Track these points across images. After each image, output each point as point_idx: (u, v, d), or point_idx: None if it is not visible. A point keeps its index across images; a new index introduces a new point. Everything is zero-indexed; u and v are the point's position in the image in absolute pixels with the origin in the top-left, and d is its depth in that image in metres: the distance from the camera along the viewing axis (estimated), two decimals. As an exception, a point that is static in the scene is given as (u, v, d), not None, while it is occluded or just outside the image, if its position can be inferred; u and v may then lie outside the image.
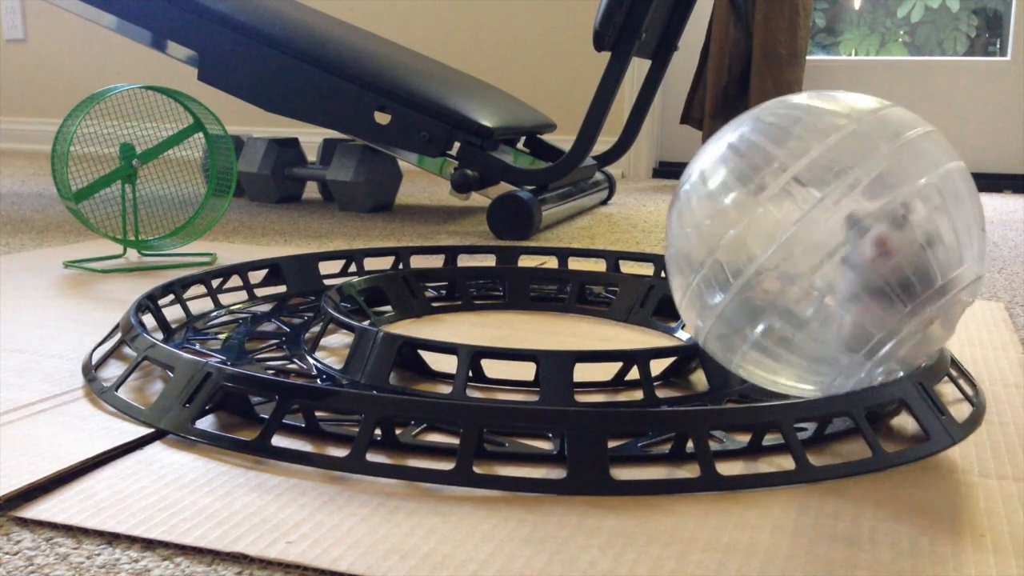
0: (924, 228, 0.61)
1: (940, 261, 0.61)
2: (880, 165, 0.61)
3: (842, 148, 0.62)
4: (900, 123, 0.64)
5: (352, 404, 0.63)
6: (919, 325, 0.62)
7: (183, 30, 1.72)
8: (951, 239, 0.61)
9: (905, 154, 0.62)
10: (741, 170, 0.64)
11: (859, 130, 0.63)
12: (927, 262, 0.60)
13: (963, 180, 0.64)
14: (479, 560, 0.48)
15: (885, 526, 0.53)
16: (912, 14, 2.75)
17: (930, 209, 0.61)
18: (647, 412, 0.67)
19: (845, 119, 0.64)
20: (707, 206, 0.65)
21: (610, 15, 1.58)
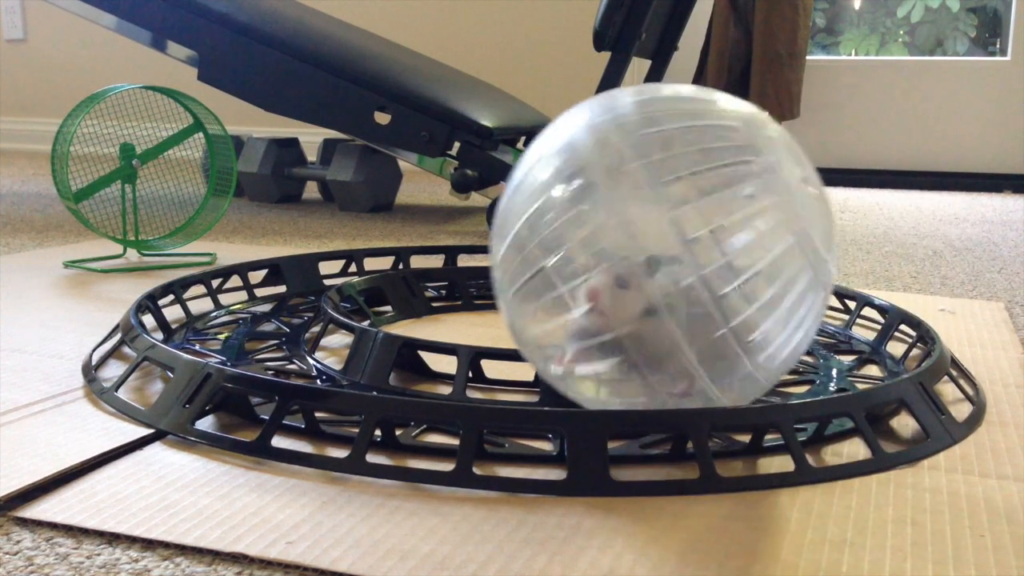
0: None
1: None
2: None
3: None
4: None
5: (352, 405, 0.63)
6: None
7: (183, 30, 1.72)
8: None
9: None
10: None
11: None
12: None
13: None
14: (479, 561, 0.48)
15: (885, 526, 0.53)
16: (912, 14, 2.75)
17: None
18: (647, 412, 0.67)
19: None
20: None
21: (610, 15, 1.58)
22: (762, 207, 0.58)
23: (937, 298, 1.14)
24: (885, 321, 0.90)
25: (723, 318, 0.57)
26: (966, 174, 2.54)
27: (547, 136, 0.64)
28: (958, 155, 2.56)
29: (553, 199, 0.60)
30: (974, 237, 1.66)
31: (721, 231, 0.57)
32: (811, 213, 0.60)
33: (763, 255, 0.58)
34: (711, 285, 0.57)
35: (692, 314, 0.57)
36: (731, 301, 0.57)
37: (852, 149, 2.63)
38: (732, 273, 0.57)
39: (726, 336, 0.58)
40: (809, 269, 0.59)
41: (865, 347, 0.88)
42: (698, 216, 0.57)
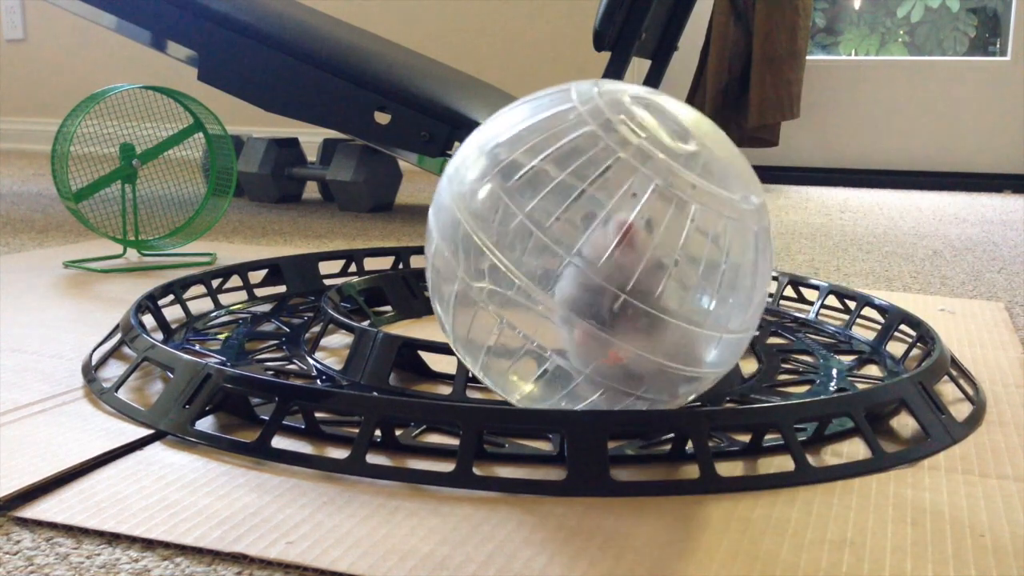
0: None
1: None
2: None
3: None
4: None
5: (352, 406, 0.63)
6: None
7: (183, 30, 1.72)
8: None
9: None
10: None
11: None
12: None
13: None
14: (479, 561, 0.48)
15: (885, 526, 0.53)
16: (912, 14, 2.75)
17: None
18: (647, 413, 0.67)
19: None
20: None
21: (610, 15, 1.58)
22: (649, 196, 0.58)
23: (937, 298, 1.14)
24: (885, 321, 0.90)
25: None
26: (966, 174, 2.54)
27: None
28: (958, 155, 2.56)
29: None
30: (974, 237, 1.66)
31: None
32: (701, 166, 0.59)
33: (675, 239, 0.57)
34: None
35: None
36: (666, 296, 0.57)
37: (852, 149, 2.64)
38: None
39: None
40: (725, 219, 0.58)
41: (865, 347, 0.88)
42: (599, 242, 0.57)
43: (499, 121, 0.64)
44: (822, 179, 2.60)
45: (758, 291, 0.62)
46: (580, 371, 0.59)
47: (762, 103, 2.38)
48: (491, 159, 0.61)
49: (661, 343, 0.58)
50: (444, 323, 0.64)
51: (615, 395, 0.60)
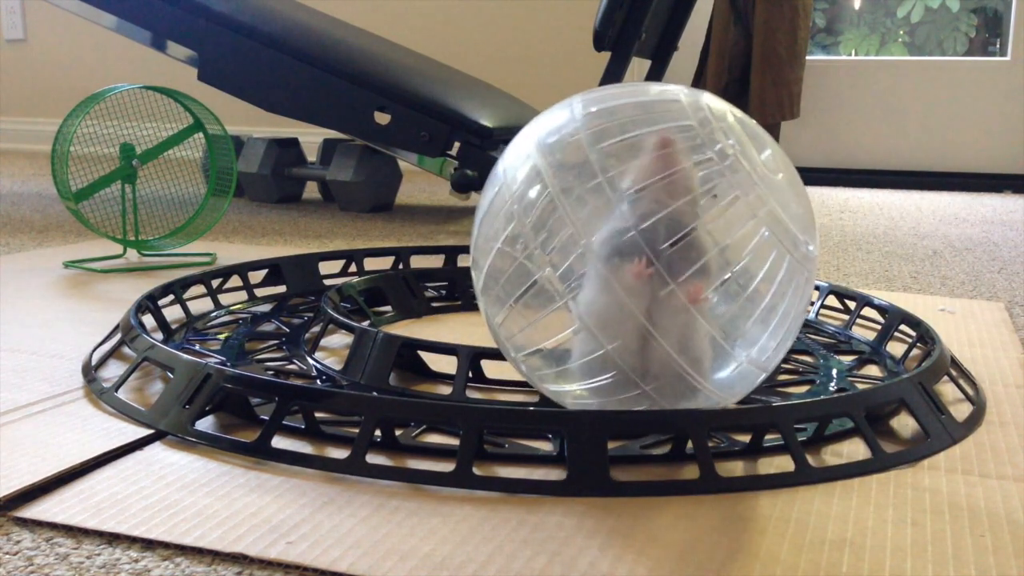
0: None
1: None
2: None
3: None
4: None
5: (352, 406, 0.63)
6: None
7: (183, 30, 1.72)
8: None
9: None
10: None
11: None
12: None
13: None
14: (479, 561, 0.48)
15: (885, 527, 0.53)
16: (912, 14, 2.75)
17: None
18: (647, 412, 0.67)
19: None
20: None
21: (610, 15, 1.58)
22: (728, 203, 0.59)
23: (937, 298, 1.14)
24: (885, 321, 0.90)
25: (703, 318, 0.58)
26: (966, 174, 2.54)
27: (517, 144, 0.64)
28: (958, 155, 2.56)
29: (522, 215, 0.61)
30: (974, 237, 1.66)
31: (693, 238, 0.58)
32: (779, 197, 0.60)
33: (738, 252, 0.58)
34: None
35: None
36: (713, 303, 0.58)
37: (852, 149, 2.64)
38: (712, 276, 0.58)
39: (711, 335, 0.58)
40: (787, 254, 0.60)
41: (865, 347, 0.88)
42: (664, 228, 0.57)
43: (597, 94, 0.64)
44: (822, 179, 2.60)
45: (788, 335, 0.63)
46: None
47: (762, 103, 2.38)
48: (584, 121, 0.61)
49: (688, 342, 0.59)
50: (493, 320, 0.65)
51: (624, 382, 0.60)
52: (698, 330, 0.58)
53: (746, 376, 0.62)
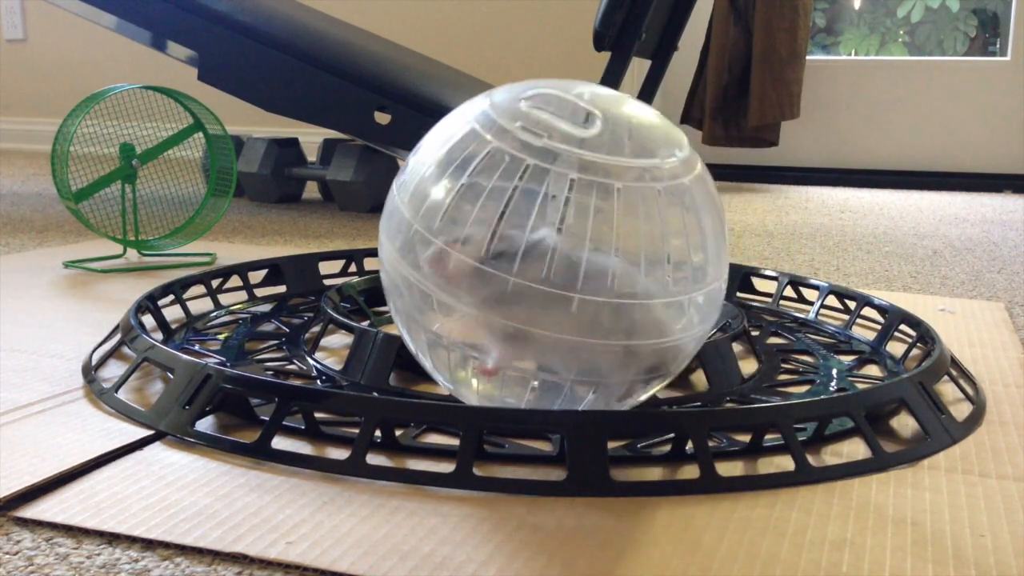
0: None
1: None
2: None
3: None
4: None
5: (352, 407, 0.63)
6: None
7: (183, 30, 1.72)
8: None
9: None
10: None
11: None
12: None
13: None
14: (479, 561, 0.48)
15: (885, 526, 0.53)
16: (912, 14, 2.75)
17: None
18: (647, 413, 0.67)
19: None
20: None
21: (610, 15, 1.58)
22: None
23: (937, 298, 1.14)
24: (885, 321, 0.90)
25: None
26: (966, 174, 2.54)
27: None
28: (958, 155, 2.56)
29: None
30: (974, 237, 1.66)
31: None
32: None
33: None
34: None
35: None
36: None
37: (852, 149, 2.63)
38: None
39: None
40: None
41: (865, 347, 0.88)
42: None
43: (414, 163, 0.64)
44: (822, 179, 2.60)
45: (712, 240, 0.62)
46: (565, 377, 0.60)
47: (762, 103, 2.38)
48: (412, 209, 0.61)
49: (630, 324, 0.59)
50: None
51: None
52: (627, 308, 0.59)
53: (706, 302, 0.62)
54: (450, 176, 0.60)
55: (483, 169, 0.59)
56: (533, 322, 0.58)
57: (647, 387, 0.62)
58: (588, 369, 0.60)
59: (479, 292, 0.58)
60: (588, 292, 0.57)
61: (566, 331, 0.58)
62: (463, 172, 0.59)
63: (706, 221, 0.61)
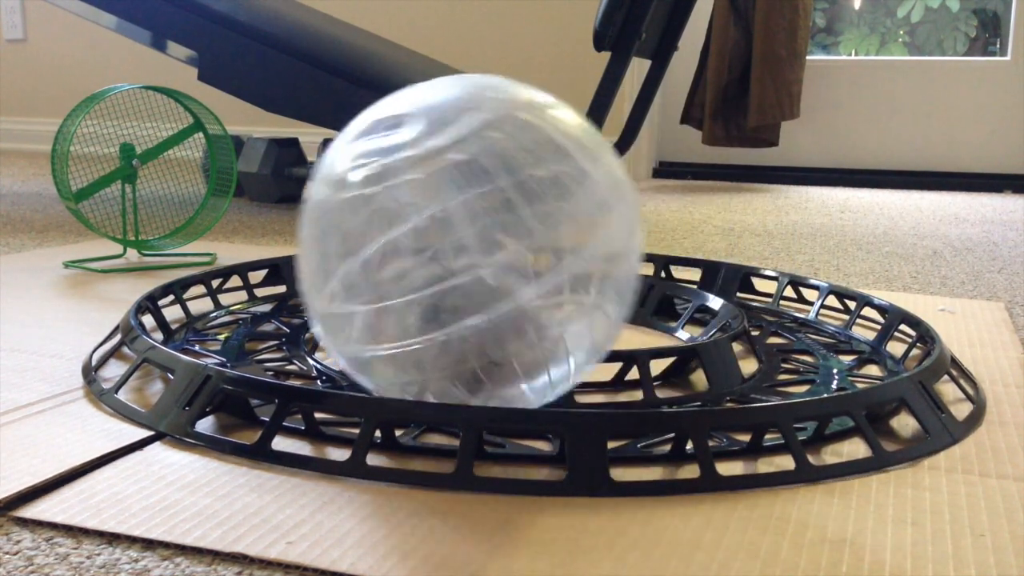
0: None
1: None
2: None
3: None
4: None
5: (352, 408, 0.63)
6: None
7: (183, 30, 1.72)
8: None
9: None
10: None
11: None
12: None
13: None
14: (479, 561, 0.48)
15: (885, 526, 0.53)
16: (912, 14, 2.75)
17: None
18: (647, 413, 0.67)
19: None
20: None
21: (610, 15, 1.58)
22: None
23: (937, 298, 1.14)
24: (885, 321, 0.90)
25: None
26: (966, 174, 2.54)
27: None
28: (958, 155, 2.57)
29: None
30: (974, 237, 1.66)
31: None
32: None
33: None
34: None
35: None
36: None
37: (852, 149, 2.64)
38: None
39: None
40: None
41: (865, 347, 0.88)
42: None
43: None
44: (822, 179, 2.60)
45: (547, 204, 0.58)
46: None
47: (762, 103, 2.38)
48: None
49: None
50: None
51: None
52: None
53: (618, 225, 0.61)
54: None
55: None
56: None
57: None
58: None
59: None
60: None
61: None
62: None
63: (528, 176, 0.59)
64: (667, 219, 1.83)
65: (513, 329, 0.58)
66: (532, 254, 0.58)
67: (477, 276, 0.57)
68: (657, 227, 1.72)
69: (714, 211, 1.97)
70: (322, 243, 0.61)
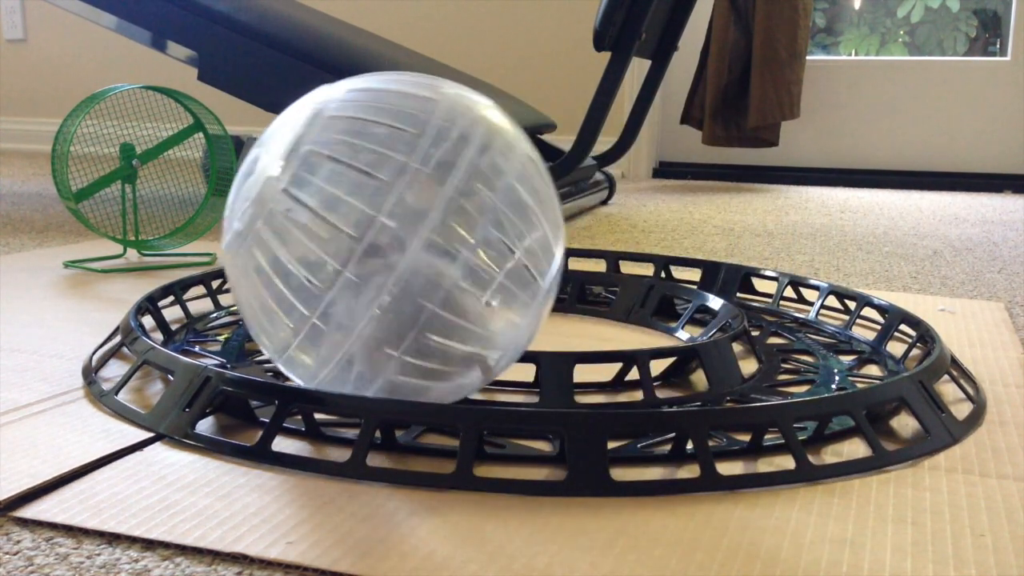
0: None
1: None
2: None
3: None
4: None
5: (352, 408, 0.63)
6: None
7: (183, 30, 1.72)
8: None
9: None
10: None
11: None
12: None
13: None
14: (480, 561, 0.48)
15: (886, 526, 0.53)
16: (912, 14, 2.75)
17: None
18: (647, 413, 0.67)
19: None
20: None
21: (610, 15, 1.58)
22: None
23: (937, 298, 1.14)
24: (885, 321, 0.90)
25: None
26: (966, 174, 2.54)
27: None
28: (958, 155, 2.57)
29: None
30: (974, 237, 1.66)
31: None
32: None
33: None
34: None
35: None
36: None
37: (852, 149, 2.64)
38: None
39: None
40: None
41: (865, 347, 0.88)
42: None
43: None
44: (822, 179, 2.60)
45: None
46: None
47: (762, 103, 2.38)
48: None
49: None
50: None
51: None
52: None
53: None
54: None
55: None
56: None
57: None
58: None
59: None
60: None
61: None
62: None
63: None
64: (667, 219, 1.83)
65: (428, 300, 0.59)
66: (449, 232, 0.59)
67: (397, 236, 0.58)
68: (657, 227, 1.72)
69: (714, 211, 1.97)
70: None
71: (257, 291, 0.62)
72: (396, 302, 0.58)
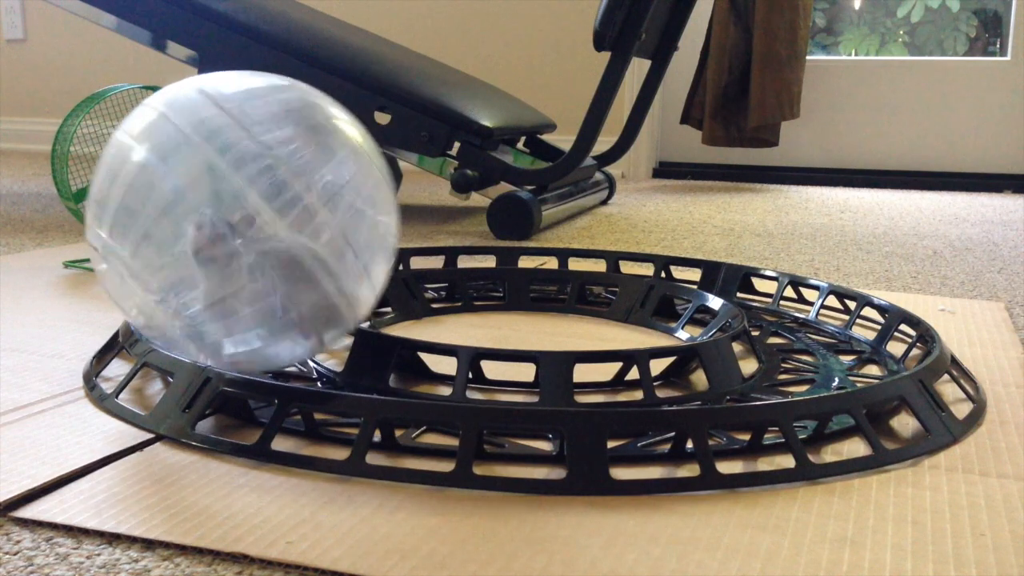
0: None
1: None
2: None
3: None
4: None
5: (351, 408, 0.63)
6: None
7: (183, 30, 1.72)
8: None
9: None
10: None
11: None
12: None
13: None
14: (480, 560, 0.48)
15: (886, 525, 0.53)
16: (912, 14, 2.75)
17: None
18: (647, 412, 0.67)
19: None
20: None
21: (610, 15, 1.58)
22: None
23: (937, 298, 1.14)
24: (885, 321, 0.90)
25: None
26: (966, 174, 2.54)
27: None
28: (958, 155, 2.57)
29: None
30: (974, 237, 1.66)
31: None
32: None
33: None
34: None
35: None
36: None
37: (852, 149, 2.64)
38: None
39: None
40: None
41: (865, 347, 0.88)
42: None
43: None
44: (822, 179, 2.60)
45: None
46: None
47: (762, 103, 2.38)
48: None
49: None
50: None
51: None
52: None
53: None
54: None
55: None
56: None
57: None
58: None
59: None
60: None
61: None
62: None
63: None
64: (667, 219, 1.83)
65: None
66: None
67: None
68: (657, 227, 1.72)
69: (714, 211, 1.97)
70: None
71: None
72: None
